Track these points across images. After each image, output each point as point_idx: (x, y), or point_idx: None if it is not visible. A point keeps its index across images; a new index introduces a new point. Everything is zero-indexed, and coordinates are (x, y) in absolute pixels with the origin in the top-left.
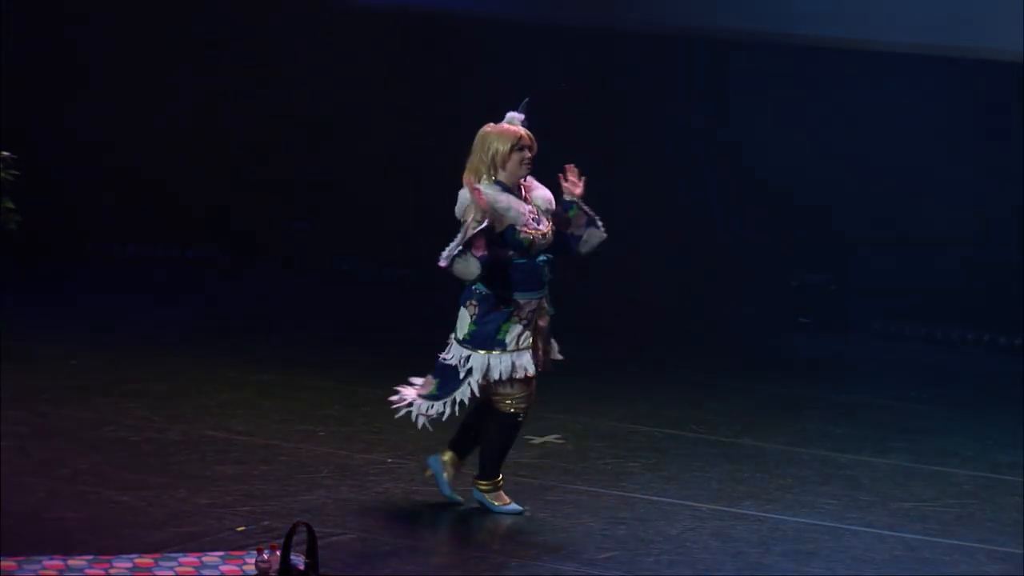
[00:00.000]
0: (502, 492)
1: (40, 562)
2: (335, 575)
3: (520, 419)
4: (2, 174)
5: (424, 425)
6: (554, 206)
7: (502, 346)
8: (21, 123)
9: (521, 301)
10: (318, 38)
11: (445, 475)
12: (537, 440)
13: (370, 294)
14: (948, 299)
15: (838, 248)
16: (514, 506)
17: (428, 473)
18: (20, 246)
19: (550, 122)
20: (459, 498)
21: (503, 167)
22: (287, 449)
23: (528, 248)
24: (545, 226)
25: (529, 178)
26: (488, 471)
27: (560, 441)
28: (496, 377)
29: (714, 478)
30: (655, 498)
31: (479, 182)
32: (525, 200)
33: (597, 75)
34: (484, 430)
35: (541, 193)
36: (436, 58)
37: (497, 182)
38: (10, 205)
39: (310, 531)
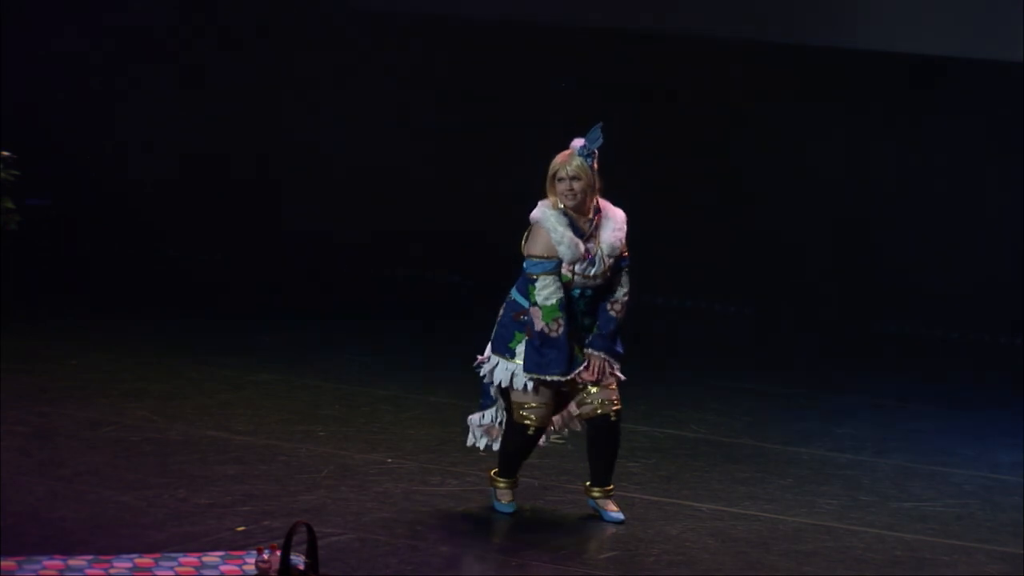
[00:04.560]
0: (510, 491)
1: (40, 562)
2: (335, 575)
3: (529, 432)
4: (2, 174)
5: (482, 444)
6: (616, 253)
7: (511, 354)
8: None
9: None
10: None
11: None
12: None
13: (371, 294)
14: (948, 299)
15: (839, 247)
16: (509, 507)
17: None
18: (20, 245)
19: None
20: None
21: (553, 194)
22: (287, 449)
23: (567, 284)
24: (596, 270)
25: (613, 211)
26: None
27: (560, 441)
28: (495, 382)
29: (714, 478)
30: (655, 498)
31: (552, 206)
32: (591, 236)
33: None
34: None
35: (609, 235)
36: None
37: (563, 209)
38: (10, 205)
39: (310, 531)
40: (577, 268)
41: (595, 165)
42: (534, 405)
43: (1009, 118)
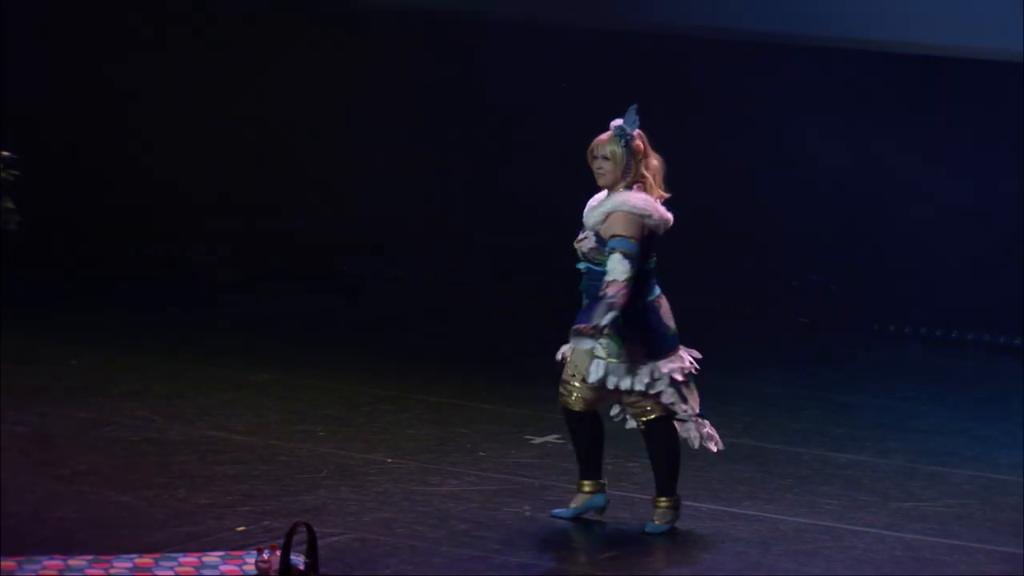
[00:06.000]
0: (583, 495)
1: (40, 562)
2: (335, 575)
3: (570, 412)
4: (2, 174)
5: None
6: (593, 226)
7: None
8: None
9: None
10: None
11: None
12: (537, 440)
13: (370, 294)
14: (948, 299)
15: (839, 247)
16: (568, 511)
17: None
18: (21, 245)
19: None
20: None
21: None
22: (287, 449)
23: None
24: (581, 238)
25: (622, 194)
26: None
27: (560, 441)
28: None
29: (714, 478)
30: None
31: None
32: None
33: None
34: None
35: (598, 208)
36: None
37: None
38: (10, 205)
39: (310, 531)
40: (580, 234)
41: (639, 146)
42: (562, 388)
43: (1010, 117)
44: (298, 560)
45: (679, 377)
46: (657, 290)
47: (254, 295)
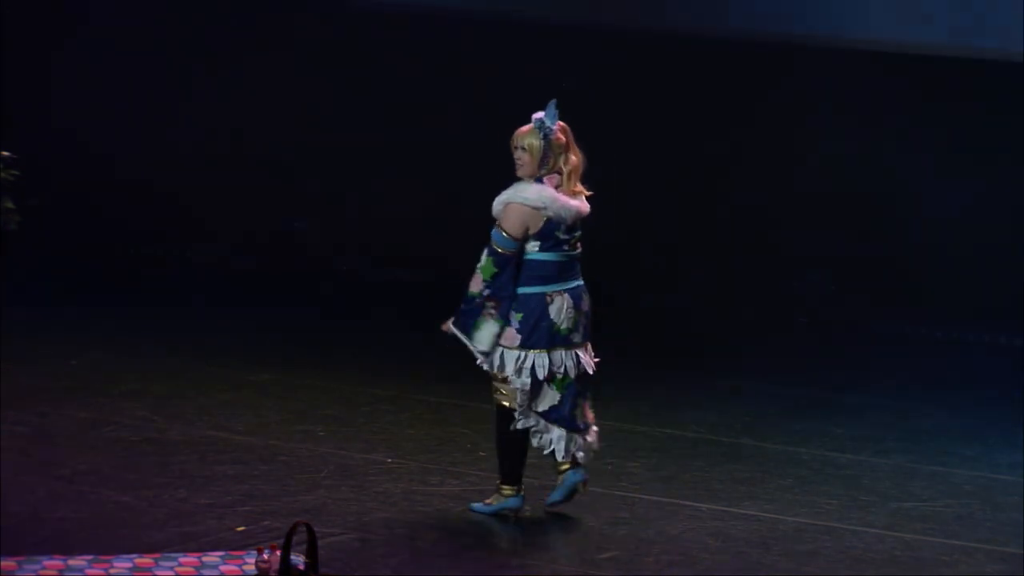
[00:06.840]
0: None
1: (40, 562)
2: (335, 575)
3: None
4: (2, 174)
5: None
6: (498, 213)
7: None
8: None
9: None
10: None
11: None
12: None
13: (370, 294)
14: (948, 299)
15: (840, 247)
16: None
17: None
18: (21, 246)
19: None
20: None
21: None
22: (287, 449)
23: None
24: None
25: (520, 184)
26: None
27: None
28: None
29: (714, 478)
30: (655, 498)
31: None
32: None
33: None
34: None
35: (499, 195)
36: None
37: None
38: (10, 205)
39: (310, 531)
40: None
41: (560, 139)
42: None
43: (1011, 117)
44: (298, 560)
45: (540, 374)
46: (567, 285)
47: (254, 295)
